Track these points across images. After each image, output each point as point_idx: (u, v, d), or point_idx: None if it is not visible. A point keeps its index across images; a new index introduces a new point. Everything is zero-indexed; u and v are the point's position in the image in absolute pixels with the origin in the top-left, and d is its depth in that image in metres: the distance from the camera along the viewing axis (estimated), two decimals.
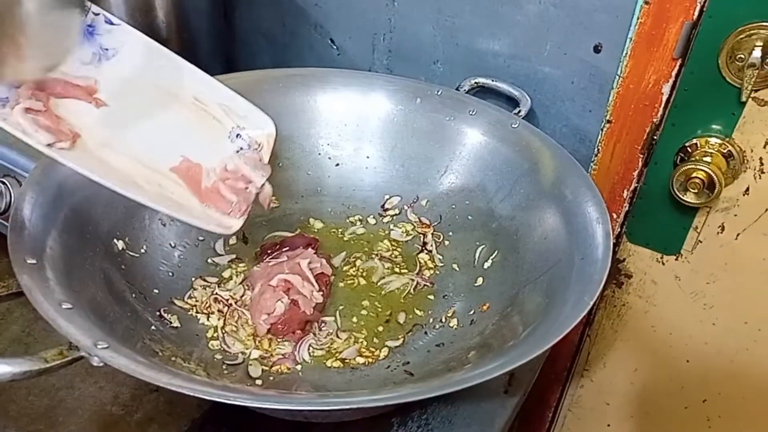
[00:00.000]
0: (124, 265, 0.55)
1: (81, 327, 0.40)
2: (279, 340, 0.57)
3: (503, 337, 0.49)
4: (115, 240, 0.56)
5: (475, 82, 0.74)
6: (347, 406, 0.38)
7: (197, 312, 0.58)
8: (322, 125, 0.73)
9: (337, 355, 0.56)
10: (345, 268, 0.66)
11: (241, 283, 0.62)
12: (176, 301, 0.58)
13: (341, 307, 0.61)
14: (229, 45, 0.91)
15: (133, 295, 0.54)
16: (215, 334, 0.57)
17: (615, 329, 0.82)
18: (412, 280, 0.64)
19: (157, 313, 0.55)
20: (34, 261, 0.45)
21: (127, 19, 0.75)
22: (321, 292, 0.59)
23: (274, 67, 0.89)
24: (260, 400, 0.37)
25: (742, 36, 0.57)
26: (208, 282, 0.62)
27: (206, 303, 0.59)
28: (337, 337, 0.58)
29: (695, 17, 0.59)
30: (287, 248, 0.64)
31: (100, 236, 0.55)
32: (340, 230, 0.70)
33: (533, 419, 0.97)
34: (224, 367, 0.53)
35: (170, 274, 0.60)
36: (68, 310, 0.41)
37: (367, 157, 0.73)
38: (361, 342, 0.58)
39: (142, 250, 0.59)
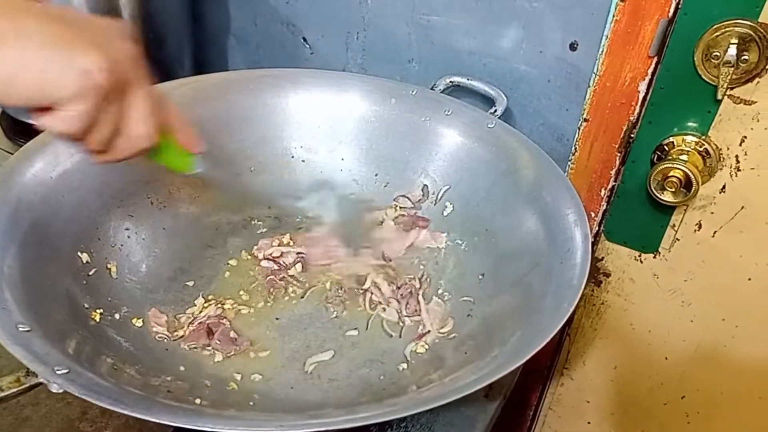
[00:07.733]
0: (87, 281, 0.53)
1: (39, 351, 0.37)
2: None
3: (483, 346, 0.48)
4: (79, 253, 0.54)
5: (451, 81, 0.72)
6: (323, 428, 0.36)
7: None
8: (294, 127, 0.71)
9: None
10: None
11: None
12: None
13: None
14: (199, 45, 0.89)
15: (99, 311, 0.52)
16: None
17: (594, 327, 0.82)
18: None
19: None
20: None
21: None
22: None
23: (246, 68, 0.88)
24: (233, 426, 0.36)
25: (717, 33, 0.56)
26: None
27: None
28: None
29: (671, 14, 0.58)
30: None
31: (63, 251, 0.52)
32: None
33: (514, 418, 0.96)
34: (194, 386, 0.51)
35: (138, 288, 0.58)
36: (26, 332, 0.39)
37: (342, 159, 0.72)
38: None
39: (108, 264, 0.57)
